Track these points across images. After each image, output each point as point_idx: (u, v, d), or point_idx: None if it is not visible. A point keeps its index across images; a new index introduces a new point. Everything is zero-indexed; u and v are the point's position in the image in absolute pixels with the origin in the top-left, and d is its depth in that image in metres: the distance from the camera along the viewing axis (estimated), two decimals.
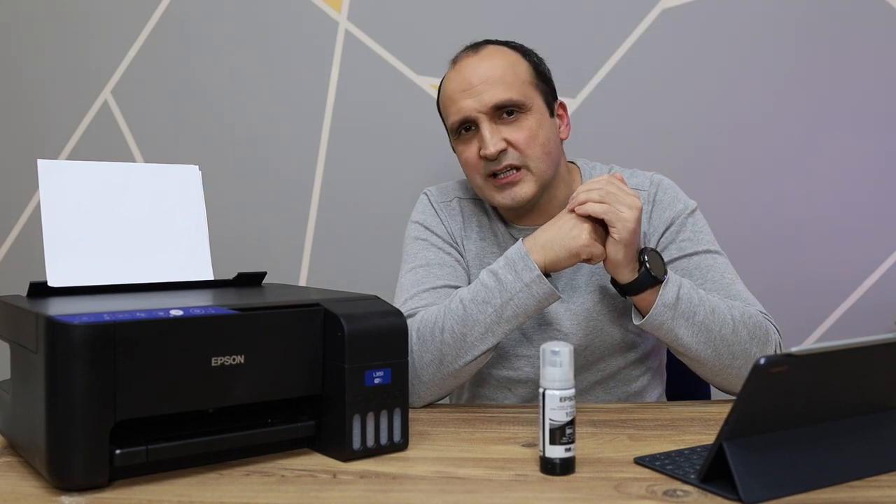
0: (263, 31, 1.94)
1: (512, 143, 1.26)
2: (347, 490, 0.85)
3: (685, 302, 1.14)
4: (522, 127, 1.26)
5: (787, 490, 0.80)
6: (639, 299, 1.16)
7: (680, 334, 1.15)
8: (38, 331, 0.83)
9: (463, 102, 1.27)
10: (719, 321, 1.15)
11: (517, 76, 1.28)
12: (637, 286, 1.15)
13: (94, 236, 1.07)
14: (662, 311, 1.13)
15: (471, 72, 1.28)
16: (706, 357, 1.16)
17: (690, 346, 1.15)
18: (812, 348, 0.78)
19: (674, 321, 1.14)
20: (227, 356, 0.89)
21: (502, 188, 1.27)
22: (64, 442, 0.82)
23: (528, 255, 1.15)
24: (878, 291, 1.81)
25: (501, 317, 1.15)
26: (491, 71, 1.27)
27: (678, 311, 1.14)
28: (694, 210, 1.32)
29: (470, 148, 1.29)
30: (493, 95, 1.25)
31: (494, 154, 1.25)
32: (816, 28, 1.80)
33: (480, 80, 1.26)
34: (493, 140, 1.25)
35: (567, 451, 0.88)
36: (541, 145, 1.27)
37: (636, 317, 1.18)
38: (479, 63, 1.29)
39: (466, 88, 1.27)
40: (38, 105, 2.01)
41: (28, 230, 2.02)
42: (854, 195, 1.81)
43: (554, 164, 1.30)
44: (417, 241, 1.36)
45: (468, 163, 1.30)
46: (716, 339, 1.15)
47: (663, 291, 1.13)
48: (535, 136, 1.26)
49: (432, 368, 1.17)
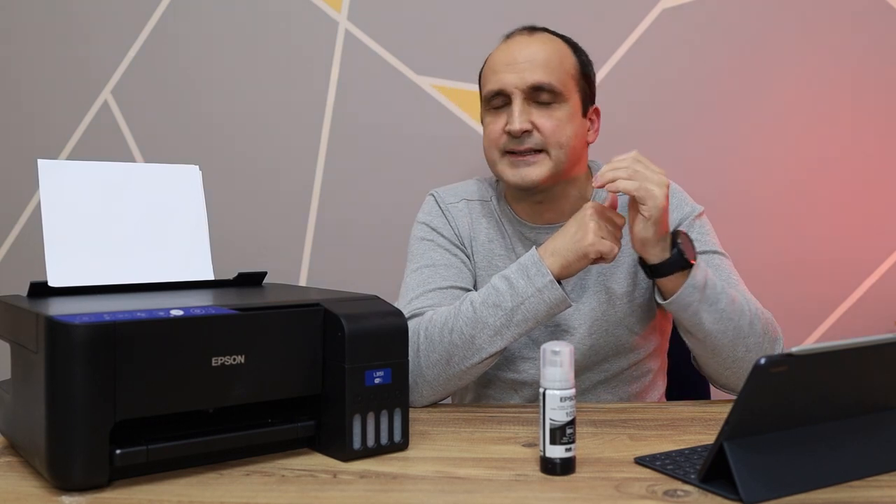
0: (263, 31, 1.94)
1: (538, 127, 1.25)
2: (347, 490, 0.85)
3: (711, 288, 1.14)
4: (553, 116, 1.26)
5: (787, 490, 0.80)
6: (666, 281, 1.16)
7: (703, 318, 1.14)
8: (38, 331, 0.83)
9: (503, 74, 1.27)
10: (738, 311, 1.15)
11: (562, 65, 1.28)
12: (667, 267, 1.14)
13: (94, 236, 1.07)
14: (692, 293, 1.13)
15: (519, 48, 1.29)
16: (722, 346, 1.16)
17: (711, 332, 1.15)
18: (812, 348, 0.78)
19: (700, 304, 1.14)
20: (227, 356, 0.89)
21: (516, 165, 1.27)
22: (64, 442, 0.82)
23: (542, 261, 1.15)
24: (878, 291, 1.81)
25: (511, 321, 1.15)
26: (539, 53, 1.27)
27: (705, 295, 1.14)
28: (701, 213, 1.33)
29: (497, 121, 1.29)
30: (534, 75, 1.25)
31: (519, 131, 1.25)
32: (816, 28, 1.80)
33: (526, 58, 1.27)
34: (521, 119, 1.25)
35: (567, 451, 0.88)
36: (565, 137, 1.27)
37: (660, 296, 1.18)
38: (530, 43, 1.29)
39: (510, 62, 1.27)
40: (38, 105, 2.01)
41: (28, 230, 2.02)
42: (854, 195, 1.81)
43: (573, 159, 1.30)
44: (424, 242, 1.36)
45: (491, 135, 1.30)
46: (734, 329, 1.15)
47: (694, 272, 1.13)
48: (562, 126, 1.26)
49: (438, 368, 1.17)
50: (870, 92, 1.80)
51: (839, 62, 1.80)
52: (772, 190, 1.82)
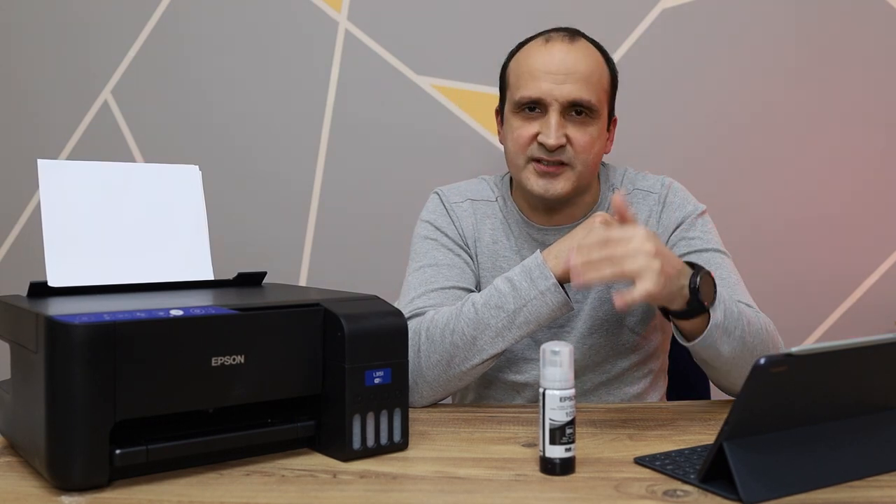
0: (263, 31, 1.94)
1: (572, 141, 1.25)
2: (347, 490, 0.85)
3: (729, 317, 1.09)
4: (586, 131, 1.25)
5: (787, 490, 0.80)
6: (686, 323, 1.09)
7: (722, 350, 1.10)
8: (38, 331, 0.83)
9: (543, 83, 1.25)
10: (753, 332, 1.12)
11: (600, 81, 1.27)
12: (687, 314, 1.07)
13: (94, 236, 1.07)
14: (714, 332, 1.08)
15: (562, 57, 1.26)
16: (738, 367, 1.12)
17: (728, 359, 1.11)
18: (812, 348, 0.78)
19: (720, 339, 1.09)
20: (227, 356, 0.89)
21: (542, 175, 1.26)
22: (64, 442, 0.82)
23: (545, 264, 1.15)
24: (878, 291, 1.81)
25: (513, 322, 1.15)
26: (581, 65, 1.25)
27: (725, 329, 1.09)
28: (703, 212, 1.33)
29: (528, 126, 1.27)
30: (576, 90, 1.24)
31: (555, 146, 1.24)
32: (816, 28, 1.80)
33: (569, 69, 1.24)
34: (558, 134, 1.23)
35: (567, 451, 0.88)
36: (594, 153, 1.27)
37: (681, 338, 1.12)
38: (573, 52, 1.27)
39: (553, 71, 1.25)
40: (38, 105, 2.01)
41: (28, 230, 2.02)
42: (854, 195, 1.81)
43: (594, 171, 1.31)
44: (427, 241, 1.35)
45: (519, 140, 1.27)
46: (748, 350, 1.11)
47: (714, 312, 1.07)
48: (593, 143, 1.26)
49: (439, 369, 1.17)
50: (870, 92, 1.80)
51: (839, 62, 1.80)
52: (771, 189, 1.82)
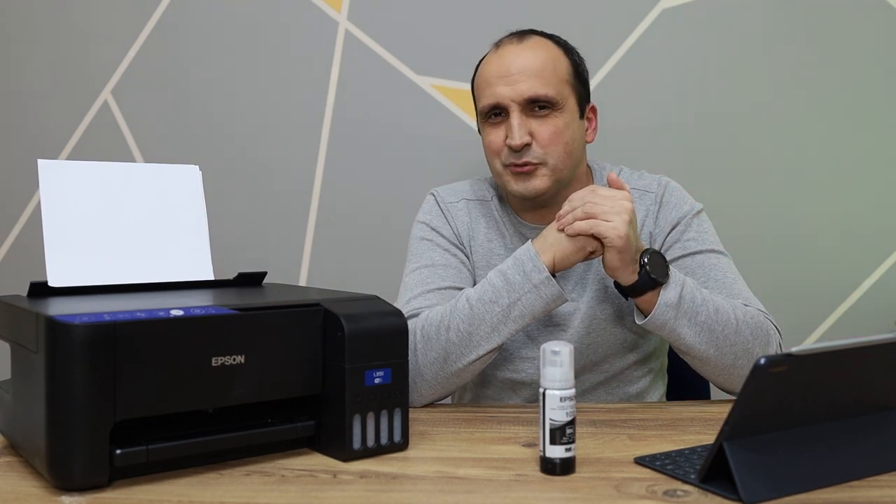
0: (263, 32, 1.94)
1: (536, 137, 1.26)
2: (347, 490, 0.85)
3: (688, 302, 1.13)
4: (550, 124, 1.26)
5: (787, 490, 0.80)
6: (641, 300, 1.16)
7: (683, 334, 1.14)
8: (38, 331, 0.83)
9: (498, 88, 1.27)
10: (722, 321, 1.14)
11: (556, 72, 1.28)
12: (637, 288, 1.14)
13: (94, 236, 1.07)
14: (664, 311, 1.13)
15: (511, 59, 1.28)
16: (709, 356, 1.16)
17: (693, 346, 1.15)
18: (812, 348, 0.78)
19: (676, 321, 1.13)
20: (227, 356, 0.89)
21: (518, 177, 1.28)
22: (64, 442, 0.82)
23: (538, 255, 1.15)
24: (877, 291, 1.81)
25: (508, 317, 1.15)
26: (531, 62, 1.27)
27: (681, 311, 1.13)
28: (700, 211, 1.33)
29: (496, 132, 1.29)
30: (529, 87, 1.25)
31: (519, 146, 1.25)
32: (816, 28, 1.80)
33: (519, 69, 1.26)
34: (521, 132, 1.25)
35: (567, 451, 0.88)
36: (564, 144, 1.27)
37: (638, 316, 1.17)
38: (521, 52, 1.28)
39: (504, 75, 1.27)
40: (38, 105, 2.01)
41: (28, 230, 2.02)
42: (854, 195, 1.81)
43: (573, 164, 1.30)
44: (423, 242, 1.36)
45: (491, 147, 1.30)
46: (719, 339, 1.15)
47: (664, 292, 1.13)
48: (560, 134, 1.27)
49: (436, 367, 1.17)
50: (870, 91, 1.80)
51: (839, 62, 1.80)
52: (771, 189, 1.82)
